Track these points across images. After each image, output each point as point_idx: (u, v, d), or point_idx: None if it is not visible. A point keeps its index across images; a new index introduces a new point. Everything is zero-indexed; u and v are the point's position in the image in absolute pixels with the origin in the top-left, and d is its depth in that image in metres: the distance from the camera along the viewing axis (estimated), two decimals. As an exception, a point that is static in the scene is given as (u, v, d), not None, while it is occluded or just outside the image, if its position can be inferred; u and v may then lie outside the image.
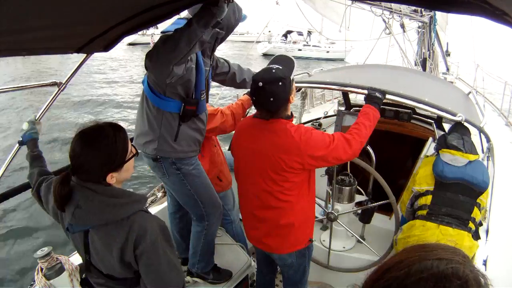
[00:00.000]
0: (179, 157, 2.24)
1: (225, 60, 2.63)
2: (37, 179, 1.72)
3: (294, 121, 2.02)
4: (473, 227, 2.28)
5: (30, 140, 1.95)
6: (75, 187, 1.43)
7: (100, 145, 1.40)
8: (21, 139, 1.97)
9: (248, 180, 2.09)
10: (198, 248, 2.57)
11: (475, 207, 2.29)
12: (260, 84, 1.80)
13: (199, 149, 2.37)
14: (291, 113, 2.02)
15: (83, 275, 1.70)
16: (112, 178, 1.44)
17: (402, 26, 5.82)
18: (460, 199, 2.29)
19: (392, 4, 4.92)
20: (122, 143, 1.44)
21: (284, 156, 1.87)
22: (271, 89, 1.81)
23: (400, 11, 5.39)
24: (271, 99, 1.82)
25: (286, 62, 1.97)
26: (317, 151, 1.86)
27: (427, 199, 2.39)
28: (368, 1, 4.57)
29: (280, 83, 1.81)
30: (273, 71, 1.84)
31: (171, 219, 2.81)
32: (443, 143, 2.44)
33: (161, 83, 2.04)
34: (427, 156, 2.64)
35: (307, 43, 34.51)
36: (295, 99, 2.06)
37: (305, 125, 3.85)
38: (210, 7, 1.72)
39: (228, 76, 2.62)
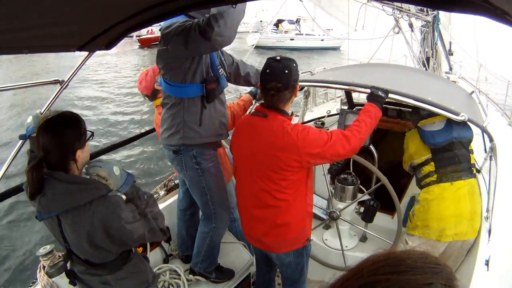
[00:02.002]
0: (204, 143, 2.25)
1: (229, 54, 2.64)
2: None
3: (297, 120, 2.02)
4: (475, 170, 2.56)
5: (32, 136, 1.95)
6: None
7: (65, 127, 1.56)
8: (25, 133, 1.96)
9: (246, 178, 2.10)
10: (203, 249, 2.57)
11: (471, 154, 2.58)
12: (278, 57, 1.91)
13: (226, 133, 2.38)
14: (292, 112, 2.04)
15: (68, 266, 1.77)
16: (79, 155, 1.59)
17: (411, 25, 5.81)
18: (457, 154, 2.53)
19: (400, 3, 4.92)
20: (83, 123, 1.62)
21: (281, 154, 1.89)
22: (287, 63, 1.90)
23: (409, 10, 5.40)
24: (286, 71, 1.88)
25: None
26: (315, 148, 1.87)
27: (430, 166, 2.60)
28: (379, 1, 4.56)
29: (295, 64, 1.93)
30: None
31: (181, 216, 2.81)
32: (419, 117, 2.69)
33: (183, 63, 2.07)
34: (409, 130, 2.88)
35: (299, 31, 32.58)
36: (298, 97, 2.06)
37: (308, 124, 3.86)
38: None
39: (232, 68, 2.63)
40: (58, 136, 1.53)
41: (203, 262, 2.63)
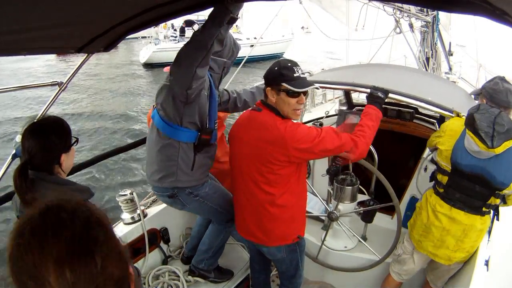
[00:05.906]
0: (195, 185, 2.28)
1: (224, 89, 2.62)
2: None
3: (295, 121, 2.03)
4: (487, 209, 2.21)
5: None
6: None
7: (51, 131, 1.61)
8: (14, 151, 1.96)
9: (238, 170, 2.14)
10: (214, 244, 2.61)
11: (492, 197, 2.14)
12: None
13: (208, 173, 2.42)
14: None
15: None
16: (63, 161, 1.64)
17: (411, 25, 5.81)
18: (476, 189, 2.14)
19: (401, 3, 4.93)
20: (68, 128, 1.68)
21: (269, 147, 1.92)
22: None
23: (410, 10, 5.40)
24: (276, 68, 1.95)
25: None
26: (302, 144, 1.89)
27: (444, 179, 2.29)
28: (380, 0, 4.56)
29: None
30: None
31: (203, 223, 2.84)
32: (471, 122, 2.04)
33: (182, 95, 2.03)
34: (461, 116, 2.29)
35: None
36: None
37: (307, 124, 3.86)
38: (225, 4, 1.73)
39: (229, 104, 2.61)
40: (43, 139, 1.57)
41: (211, 259, 2.64)
